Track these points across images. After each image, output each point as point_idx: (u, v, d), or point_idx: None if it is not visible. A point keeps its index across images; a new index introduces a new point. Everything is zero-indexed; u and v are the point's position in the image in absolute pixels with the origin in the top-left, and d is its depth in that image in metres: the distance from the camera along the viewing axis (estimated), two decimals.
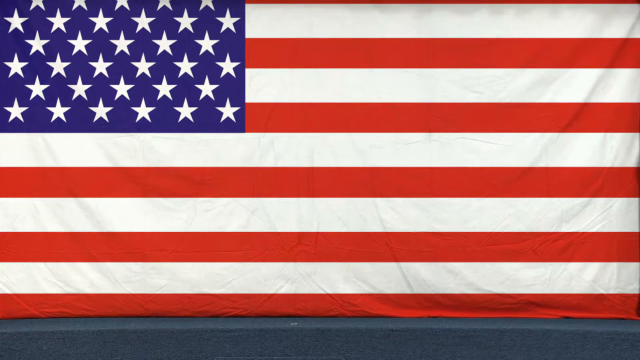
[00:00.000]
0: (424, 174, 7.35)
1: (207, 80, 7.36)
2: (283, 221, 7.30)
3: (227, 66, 7.36)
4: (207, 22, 7.36)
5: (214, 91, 7.35)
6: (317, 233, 7.30)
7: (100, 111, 7.32)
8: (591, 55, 7.33)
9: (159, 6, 7.36)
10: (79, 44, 7.33)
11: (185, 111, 7.35)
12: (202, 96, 7.35)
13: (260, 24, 7.36)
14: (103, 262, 7.25)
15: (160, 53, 7.35)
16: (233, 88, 7.35)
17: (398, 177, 7.34)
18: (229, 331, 5.73)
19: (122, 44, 7.34)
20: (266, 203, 7.31)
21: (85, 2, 7.34)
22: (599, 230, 7.32)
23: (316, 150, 7.31)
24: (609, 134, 7.32)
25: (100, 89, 7.32)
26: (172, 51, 7.35)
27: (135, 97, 7.34)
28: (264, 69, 7.35)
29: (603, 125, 7.33)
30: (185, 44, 7.35)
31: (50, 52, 7.31)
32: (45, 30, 7.31)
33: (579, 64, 7.33)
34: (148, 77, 7.35)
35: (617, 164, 7.33)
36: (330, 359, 5.65)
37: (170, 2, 7.35)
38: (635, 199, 7.34)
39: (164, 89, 7.35)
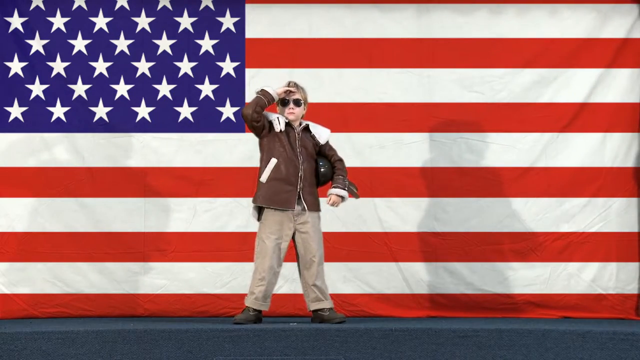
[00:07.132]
0: (423, 174, 7.36)
1: (207, 80, 7.36)
2: None
3: (227, 66, 7.37)
4: (207, 22, 7.37)
5: (214, 91, 7.36)
6: None
7: (100, 111, 7.33)
8: (591, 55, 7.34)
9: (159, 6, 7.37)
10: (79, 44, 7.34)
11: (185, 111, 7.36)
12: (202, 96, 7.36)
13: (260, 24, 7.37)
14: (103, 262, 7.25)
15: (160, 53, 7.36)
16: (233, 88, 7.36)
17: (397, 177, 7.34)
18: (229, 331, 5.72)
19: (122, 44, 7.35)
20: None
21: (85, 2, 7.35)
22: (598, 230, 7.32)
23: None
24: (608, 134, 7.33)
25: (100, 89, 7.33)
26: (172, 51, 7.36)
27: (135, 97, 7.35)
28: (264, 69, 7.35)
29: (602, 125, 7.34)
30: (185, 44, 7.35)
31: (50, 52, 7.31)
32: (45, 30, 7.32)
33: (579, 64, 7.35)
34: (148, 77, 7.36)
35: (616, 164, 7.33)
36: (330, 359, 5.64)
37: (170, 2, 7.36)
38: (634, 199, 7.35)
39: (164, 89, 7.36)
